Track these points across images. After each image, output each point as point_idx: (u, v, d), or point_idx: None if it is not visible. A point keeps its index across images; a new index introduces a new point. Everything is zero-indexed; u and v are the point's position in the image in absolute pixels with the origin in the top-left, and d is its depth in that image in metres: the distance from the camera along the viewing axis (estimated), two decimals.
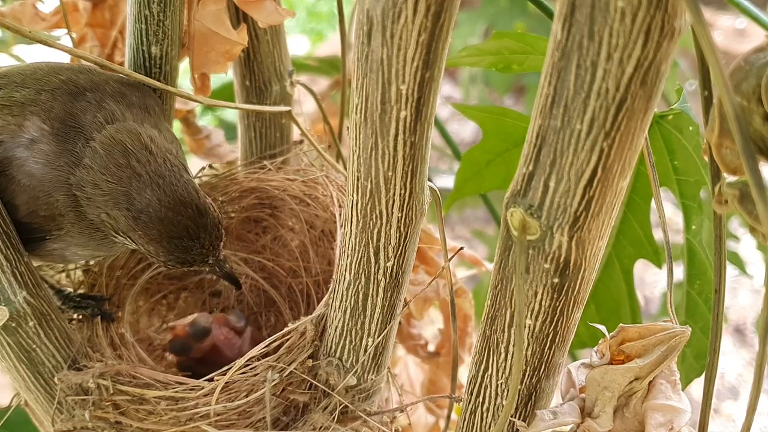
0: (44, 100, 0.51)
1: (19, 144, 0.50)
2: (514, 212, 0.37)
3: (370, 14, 0.36)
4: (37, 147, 0.50)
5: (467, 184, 0.73)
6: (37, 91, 0.51)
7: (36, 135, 0.50)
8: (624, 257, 0.67)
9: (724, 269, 0.41)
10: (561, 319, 0.40)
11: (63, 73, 0.53)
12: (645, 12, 0.30)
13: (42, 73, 0.53)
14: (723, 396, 1.77)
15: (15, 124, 0.50)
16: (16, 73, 0.53)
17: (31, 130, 0.50)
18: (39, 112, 0.50)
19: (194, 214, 0.51)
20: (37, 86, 0.52)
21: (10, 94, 0.51)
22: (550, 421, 0.42)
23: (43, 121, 0.50)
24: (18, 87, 0.52)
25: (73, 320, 0.60)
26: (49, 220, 0.51)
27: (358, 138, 0.41)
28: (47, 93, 0.51)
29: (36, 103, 0.51)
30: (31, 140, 0.50)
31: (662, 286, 1.69)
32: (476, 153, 0.71)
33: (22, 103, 0.51)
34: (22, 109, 0.51)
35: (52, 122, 0.50)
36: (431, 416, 0.77)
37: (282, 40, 0.66)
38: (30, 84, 0.52)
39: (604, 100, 0.32)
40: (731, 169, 0.33)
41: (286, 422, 0.54)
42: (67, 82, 0.52)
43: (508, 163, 0.70)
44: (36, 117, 0.50)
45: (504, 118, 0.68)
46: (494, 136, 0.70)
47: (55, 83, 0.52)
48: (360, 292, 0.49)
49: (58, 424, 0.54)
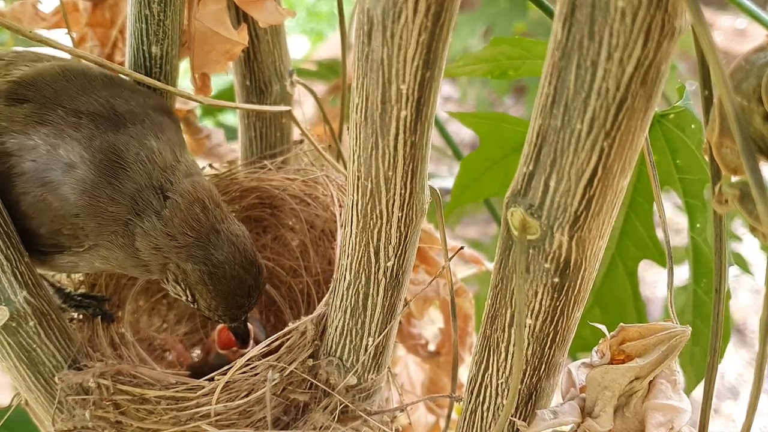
0: (84, 125, 0.50)
1: (55, 167, 0.49)
2: (515, 212, 0.37)
3: (370, 14, 0.36)
4: (76, 173, 0.49)
5: (465, 192, 0.72)
6: (75, 114, 0.50)
7: (75, 161, 0.49)
8: (628, 258, 0.67)
9: (724, 268, 0.41)
10: (561, 319, 0.40)
11: (99, 92, 0.52)
12: (645, 12, 0.30)
13: (75, 90, 0.51)
14: (723, 396, 1.77)
15: (50, 145, 0.49)
16: (43, 84, 0.51)
17: (70, 156, 0.49)
18: (80, 139, 0.50)
19: (257, 274, 0.54)
20: (72, 106, 0.51)
21: (42, 111, 0.50)
22: (550, 420, 0.42)
23: (84, 149, 0.50)
24: (50, 103, 0.50)
25: (74, 320, 0.60)
26: (71, 238, 0.51)
27: (359, 137, 0.42)
28: (86, 118, 0.50)
29: (75, 127, 0.50)
30: (69, 165, 0.49)
31: (663, 286, 1.68)
32: (474, 160, 0.71)
33: (59, 124, 0.50)
34: (59, 131, 0.50)
35: (93, 152, 0.50)
36: (431, 416, 0.77)
37: (282, 40, 0.66)
38: (65, 102, 0.51)
39: (604, 99, 0.32)
40: (731, 169, 0.33)
41: (287, 422, 0.54)
42: (105, 105, 0.51)
43: (506, 169, 0.70)
44: (76, 143, 0.50)
45: (501, 124, 0.68)
46: (492, 143, 0.69)
47: (93, 106, 0.51)
48: (360, 292, 0.49)
49: (59, 423, 0.54)
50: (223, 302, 0.53)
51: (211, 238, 0.52)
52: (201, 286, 0.52)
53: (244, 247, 0.53)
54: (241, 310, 0.55)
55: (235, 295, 0.53)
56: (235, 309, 0.54)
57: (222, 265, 0.52)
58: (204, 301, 0.53)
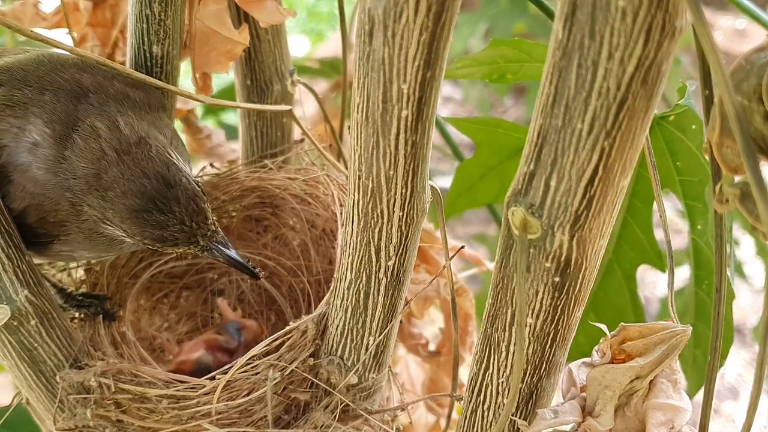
0: (47, 101, 0.49)
1: (23, 149, 0.49)
2: (516, 211, 0.37)
3: (371, 13, 0.36)
4: (40, 152, 0.49)
5: (459, 199, 0.72)
6: (40, 91, 0.50)
7: (38, 139, 0.49)
8: (625, 263, 0.66)
9: (725, 268, 0.41)
10: (562, 318, 0.40)
11: (66, 71, 0.51)
12: (646, 11, 0.30)
13: (45, 70, 0.51)
14: (723, 396, 1.77)
15: (18, 126, 0.49)
16: (17, 68, 0.51)
17: (33, 134, 0.49)
18: (42, 114, 0.49)
19: (159, 185, 0.48)
20: (39, 84, 0.50)
21: (12, 93, 0.50)
22: (551, 419, 0.42)
23: (45, 124, 0.49)
24: (20, 84, 0.50)
25: (75, 319, 0.60)
26: (58, 226, 0.51)
27: (360, 137, 0.42)
28: (50, 93, 0.50)
29: (39, 104, 0.49)
30: (34, 144, 0.49)
31: (663, 287, 1.69)
32: (469, 167, 0.70)
33: (24, 104, 0.49)
34: (24, 111, 0.49)
35: (54, 125, 0.49)
36: (432, 416, 0.77)
37: (283, 40, 0.67)
38: (33, 81, 0.50)
39: (605, 99, 0.32)
40: (732, 169, 0.33)
41: (288, 421, 0.54)
42: (70, 81, 0.51)
43: (501, 176, 0.69)
44: (39, 119, 0.49)
45: (497, 130, 0.67)
46: (487, 149, 0.69)
47: (58, 82, 0.50)
48: (361, 291, 0.49)
49: (60, 422, 0.54)
50: (132, 223, 0.48)
51: (101, 163, 0.48)
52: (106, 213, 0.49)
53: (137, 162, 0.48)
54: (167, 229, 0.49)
55: (139, 211, 0.48)
56: (155, 228, 0.49)
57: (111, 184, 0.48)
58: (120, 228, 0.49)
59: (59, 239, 0.52)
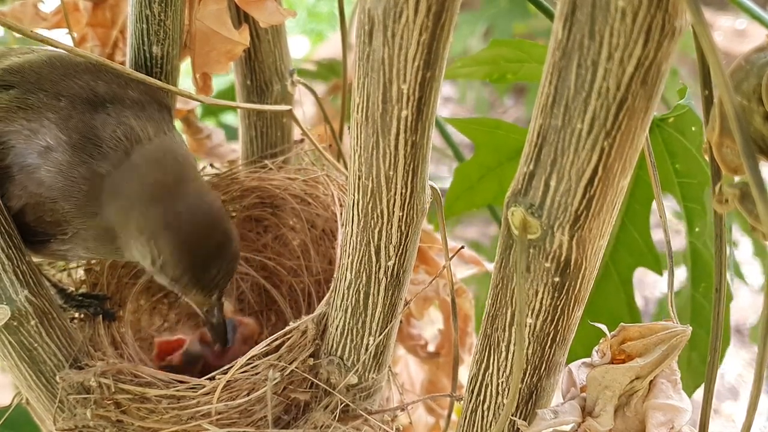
0: (63, 107, 0.50)
1: (33, 151, 0.49)
2: (515, 211, 0.37)
3: (371, 14, 0.36)
4: (52, 156, 0.49)
5: (458, 201, 0.72)
6: (55, 96, 0.50)
7: (52, 143, 0.49)
8: (622, 267, 0.66)
9: (724, 268, 0.41)
10: (562, 318, 0.40)
11: (81, 77, 0.52)
12: (645, 12, 0.30)
13: (58, 75, 0.52)
14: (723, 396, 1.77)
15: (30, 130, 0.49)
16: (29, 71, 0.52)
17: (47, 138, 0.49)
18: (57, 121, 0.50)
19: (223, 238, 0.52)
20: (54, 90, 0.51)
21: (25, 96, 0.50)
22: (551, 420, 0.42)
23: (60, 131, 0.49)
24: (33, 88, 0.51)
25: (75, 319, 0.60)
26: (54, 225, 0.51)
27: (360, 137, 0.42)
28: (66, 100, 0.50)
29: (54, 109, 0.50)
30: (47, 148, 0.49)
31: (662, 288, 1.69)
32: (468, 168, 0.70)
33: (38, 108, 0.50)
34: (38, 115, 0.50)
35: (70, 132, 0.49)
36: (431, 417, 0.77)
37: (283, 40, 0.67)
38: (47, 86, 0.51)
39: (605, 99, 0.32)
40: (732, 169, 0.33)
41: (287, 421, 0.54)
42: (86, 88, 0.51)
43: (500, 177, 0.69)
44: (53, 125, 0.49)
45: (496, 131, 0.67)
46: (486, 150, 0.68)
47: (74, 89, 0.51)
48: (361, 291, 0.49)
49: (60, 422, 0.54)
50: (188, 258, 0.50)
51: (172, 190, 0.50)
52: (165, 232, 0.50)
53: (211, 203, 0.51)
54: (211, 277, 0.51)
55: (201, 249, 0.50)
56: (202, 272, 0.51)
57: (184, 213, 0.50)
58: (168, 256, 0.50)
59: (56, 238, 0.52)
